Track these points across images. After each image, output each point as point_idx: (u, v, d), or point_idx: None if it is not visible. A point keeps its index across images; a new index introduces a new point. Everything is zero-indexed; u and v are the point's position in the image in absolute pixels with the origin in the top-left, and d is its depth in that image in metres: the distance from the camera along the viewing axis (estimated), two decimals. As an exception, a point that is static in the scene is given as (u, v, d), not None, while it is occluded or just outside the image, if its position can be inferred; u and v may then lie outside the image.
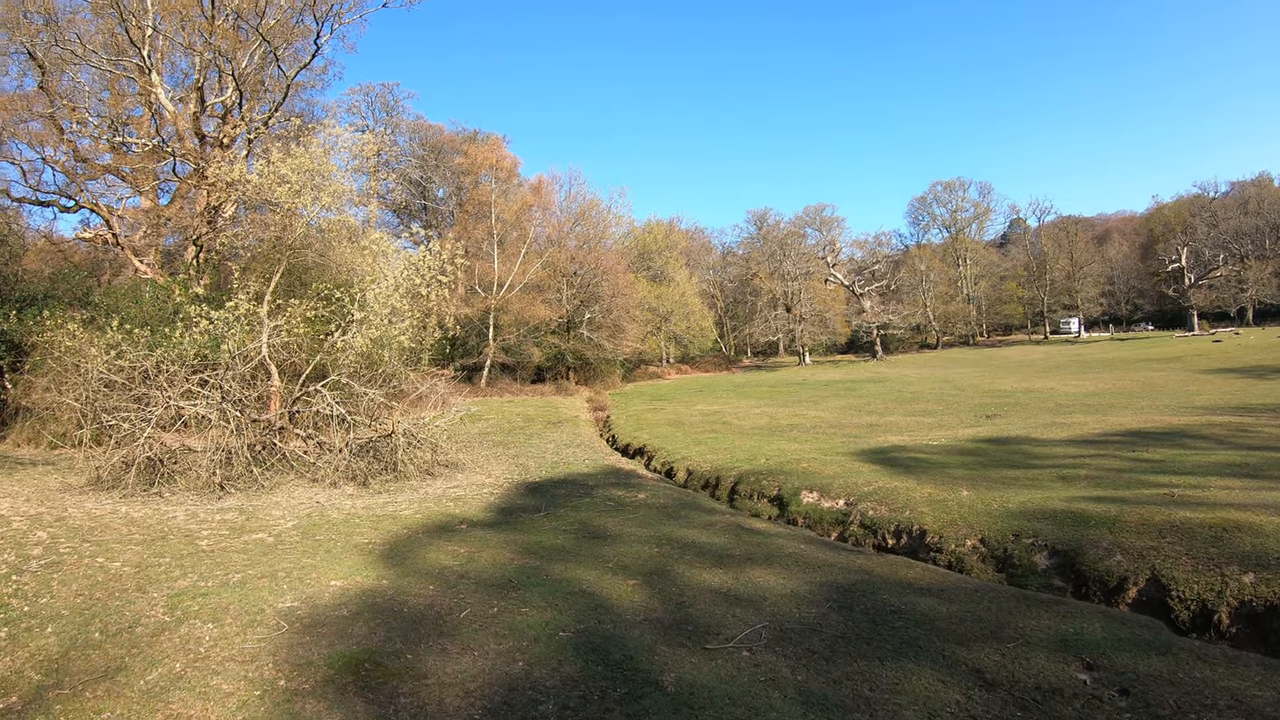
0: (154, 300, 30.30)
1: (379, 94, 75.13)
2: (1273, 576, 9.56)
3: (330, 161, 25.32)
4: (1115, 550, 11.21)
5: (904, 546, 13.88)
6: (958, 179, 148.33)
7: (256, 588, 10.67)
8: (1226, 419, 25.18)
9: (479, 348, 60.79)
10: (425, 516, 15.73)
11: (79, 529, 14.85)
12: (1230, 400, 31.75)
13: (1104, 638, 8.28)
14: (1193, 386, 39.81)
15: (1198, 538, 10.93)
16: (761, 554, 12.28)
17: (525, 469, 22.76)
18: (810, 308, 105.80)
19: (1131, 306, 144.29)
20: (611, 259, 72.10)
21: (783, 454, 22.44)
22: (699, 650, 8.23)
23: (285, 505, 17.22)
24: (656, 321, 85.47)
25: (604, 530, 14.40)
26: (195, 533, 14.46)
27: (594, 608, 9.67)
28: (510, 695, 7.23)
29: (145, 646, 8.59)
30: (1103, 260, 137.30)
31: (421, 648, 8.43)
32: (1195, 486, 14.35)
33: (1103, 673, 7.42)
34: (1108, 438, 22.26)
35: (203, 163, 35.84)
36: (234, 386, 20.95)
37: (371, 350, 22.91)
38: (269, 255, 24.86)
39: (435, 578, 11.14)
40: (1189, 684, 7.11)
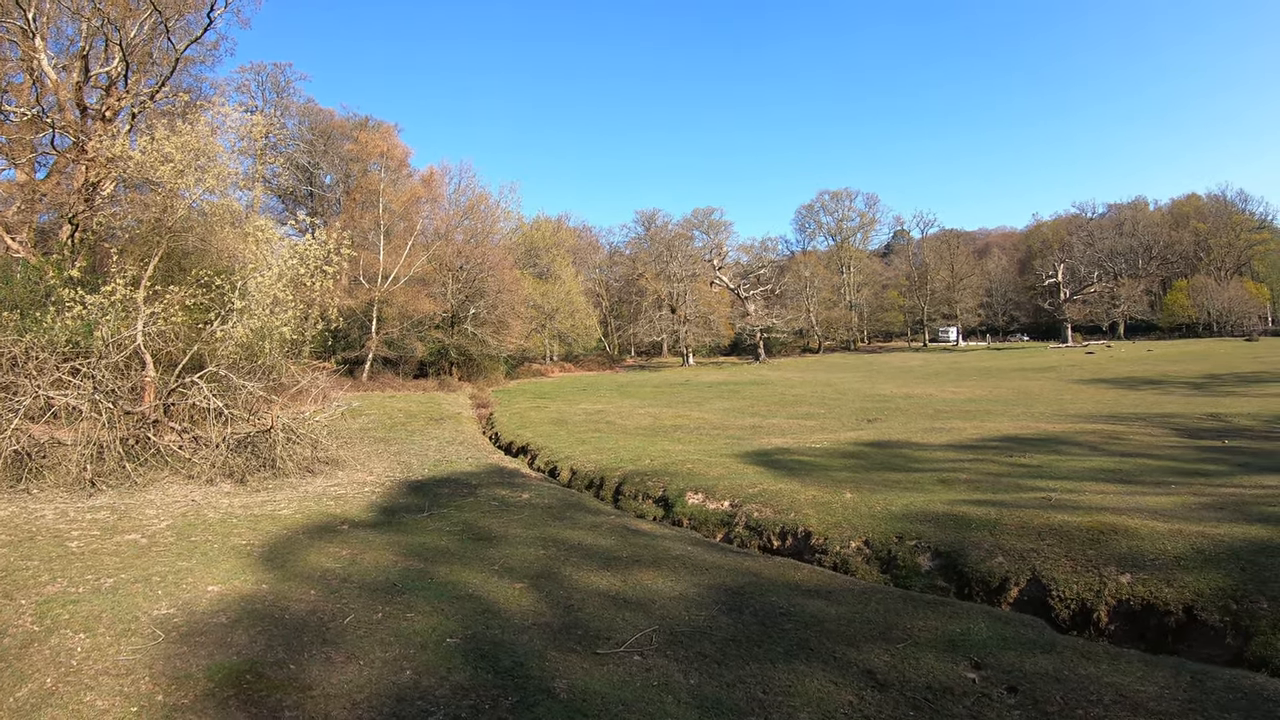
0: (25, 281, 29.12)
1: (270, 74, 73.32)
2: (1148, 577, 10.04)
3: (216, 142, 24.72)
4: (996, 552, 11.61)
5: (789, 548, 14.10)
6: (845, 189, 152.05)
7: (130, 594, 10.33)
8: (1099, 426, 26.14)
9: (361, 340, 59.87)
10: (305, 516, 15.46)
11: None
12: (1103, 409, 32.96)
13: (990, 637, 8.57)
14: (1067, 395, 41.26)
15: (1076, 540, 11.39)
16: (649, 556, 12.39)
17: (408, 467, 22.54)
18: (695, 309, 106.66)
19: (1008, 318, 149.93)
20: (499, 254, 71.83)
21: (667, 455, 22.67)
22: (590, 655, 8.23)
23: (159, 504, 16.68)
24: (541, 319, 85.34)
25: (489, 531, 14.35)
26: (65, 533, 13.93)
27: (481, 612, 9.62)
28: (399, 706, 7.10)
29: (13, 660, 8.22)
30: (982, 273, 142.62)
31: (305, 657, 8.26)
32: (1071, 491, 14.96)
33: (990, 671, 7.67)
34: (986, 443, 22.92)
35: (83, 136, 34.56)
36: (107, 376, 20.22)
37: (252, 341, 22.40)
38: (147, 238, 24.10)
39: (317, 582, 10.95)
40: (1074, 681, 7.38)
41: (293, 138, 73.00)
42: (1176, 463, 18.46)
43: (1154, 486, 15.37)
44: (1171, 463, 18.49)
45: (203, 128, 24.30)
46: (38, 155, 40.45)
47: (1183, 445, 21.71)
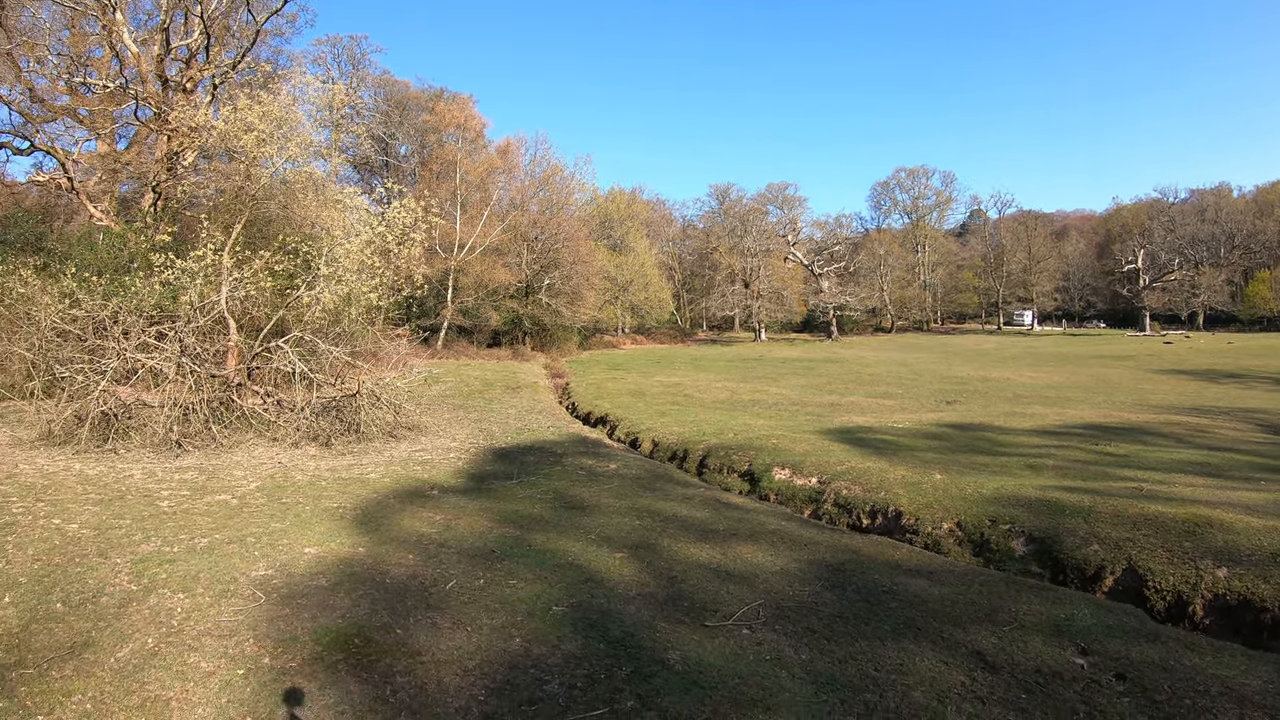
0: (109, 248, 29.40)
1: (346, 46, 73.74)
2: (1245, 572, 9.62)
3: (298, 111, 24.58)
4: (1092, 539, 11.20)
5: (879, 527, 13.72)
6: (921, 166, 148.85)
7: (226, 554, 10.20)
8: (1183, 419, 25.39)
9: (436, 309, 59.96)
10: (394, 481, 15.31)
11: (31, 487, 14.21)
12: (1185, 401, 32.06)
13: (1094, 624, 8.25)
14: (1147, 385, 40.22)
15: (1171, 531, 10.95)
16: (746, 529, 12.07)
17: (490, 434, 22.32)
18: (768, 285, 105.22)
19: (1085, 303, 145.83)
20: (573, 226, 71.38)
21: (749, 429, 22.26)
22: (699, 627, 8.04)
23: (246, 465, 16.67)
24: (615, 290, 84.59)
25: (581, 500, 14.11)
26: (155, 493, 13.89)
27: (584, 581, 9.42)
28: (512, 674, 6.97)
29: (113, 619, 8.07)
30: (1059, 256, 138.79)
31: (410, 622, 8.07)
32: (1161, 482, 14.38)
33: (1098, 658, 7.42)
34: (1069, 430, 22.34)
35: (165, 107, 34.72)
36: (192, 340, 20.29)
37: (338, 307, 22.27)
38: (230, 205, 24.14)
39: (414, 546, 10.76)
40: (1180, 670, 7.15)
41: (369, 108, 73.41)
42: (1265, 459, 17.72)
43: (1244, 482, 14.76)
44: (1259, 459, 17.76)
45: (284, 97, 24.25)
46: (119, 127, 40.88)
47: (1269, 441, 21.04)
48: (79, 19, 38.95)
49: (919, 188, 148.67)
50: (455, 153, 65.03)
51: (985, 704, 6.53)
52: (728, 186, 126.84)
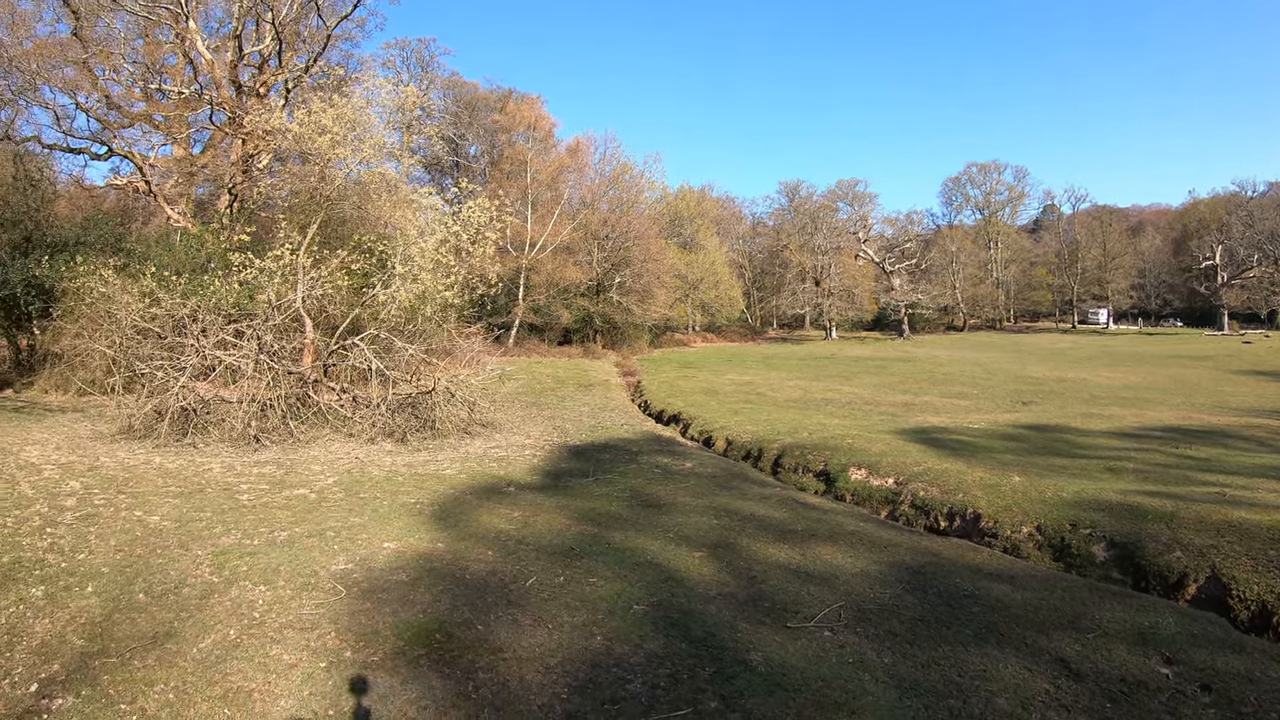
0: (186, 249, 29.86)
1: (415, 49, 74.60)
2: None
3: (370, 113, 24.71)
4: (1174, 546, 10.84)
5: (957, 529, 13.44)
6: (993, 161, 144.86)
7: (306, 547, 10.27)
8: (1265, 421, 24.53)
9: (508, 307, 60.23)
10: (470, 477, 15.31)
11: (113, 479, 14.47)
12: (1265, 403, 30.85)
13: (1178, 632, 8.01)
14: (1226, 387, 38.76)
15: (1256, 539, 10.58)
16: (824, 530, 11.83)
17: (564, 431, 22.28)
18: (839, 282, 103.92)
19: (1161, 301, 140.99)
20: (643, 224, 71.04)
21: (824, 429, 21.94)
22: (781, 629, 7.91)
23: (323, 460, 16.83)
24: (685, 289, 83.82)
25: (658, 498, 13.95)
26: (234, 486, 14.09)
27: (664, 580, 9.30)
28: (594, 673, 6.90)
29: (195, 610, 8.12)
30: (1135, 252, 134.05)
31: (491, 618, 8.05)
32: (1244, 487, 13.87)
33: (1183, 667, 7.22)
34: (1148, 432, 21.72)
35: (239, 112, 35.25)
36: (270, 338, 20.54)
37: (414, 305, 22.35)
38: (305, 206, 24.31)
39: (493, 543, 10.71)
40: (1266, 683, 6.94)
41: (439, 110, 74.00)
42: (1352, 467, 16.99)
43: (1331, 490, 14.16)
44: (1347, 467, 17.04)
45: (357, 100, 24.41)
46: (194, 131, 41.70)
47: (1357, 449, 20.16)
48: (153, 28, 39.74)
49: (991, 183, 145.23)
50: (525, 152, 65.37)
51: (1070, 713, 6.40)
52: (798, 183, 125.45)
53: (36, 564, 9.56)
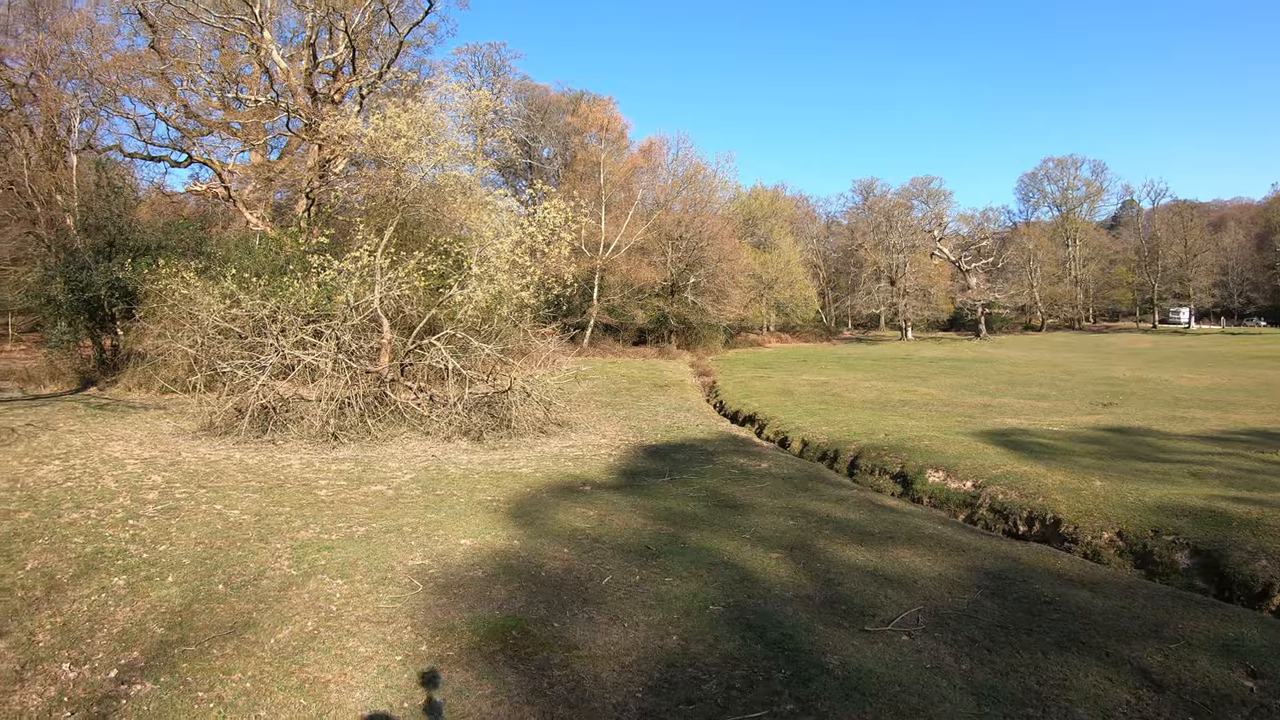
0: (265, 251, 30.39)
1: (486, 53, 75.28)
2: None
3: (445, 117, 24.92)
4: (1260, 555, 10.46)
5: (1036, 534, 13.15)
6: (1070, 156, 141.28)
7: (383, 543, 10.35)
8: None
9: (583, 307, 60.47)
10: (546, 475, 15.30)
11: (194, 474, 14.77)
12: (1357, 407, 29.56)
13: (1264, 645, 7.65)
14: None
15: None
16: (902, 533, 11.62)
17: (639, 431, 22.20)
18: (914, 282, 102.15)
19: (1244, 299, 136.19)
20: (717, 224, 70.48)
21: (900, 430, 21.60)
22: (858, 632, 7.76)
23: (400, 457, 16.95)
24: (760, 289, 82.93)
25: (734, 499, 13.79)
26: (312, 482, 14.27)
27: (740, 580, 9.18)
28: (670, 672, 6.87)
29: (273, 602, 8.25)
30: (1217, 249, 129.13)
31: (567, 616, 8.08)
32: None
33: (1268, 681, 6.93)
34: (1233, 435, 21.04)
35: (315, 118, 35.80)
36: (348, 338, 20.84)
37: (491, 305, 22.47)
38: (381, 210, 24.58)
39: (569, 541, 10.70)
40: None
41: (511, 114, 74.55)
42: None
43: None
44: None
45: (430, 104, 24.58)
46: (271, 138, 42.49)
47: None
48: (228, 39, 40.80)
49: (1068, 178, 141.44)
50: (598, 154, 65.49)
51: (1151, 725, 6.22)
52: (871, 181, 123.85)
53: (119, 554, 9.78)
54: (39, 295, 30.34)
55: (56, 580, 8.93)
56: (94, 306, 29.36)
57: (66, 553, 9.86)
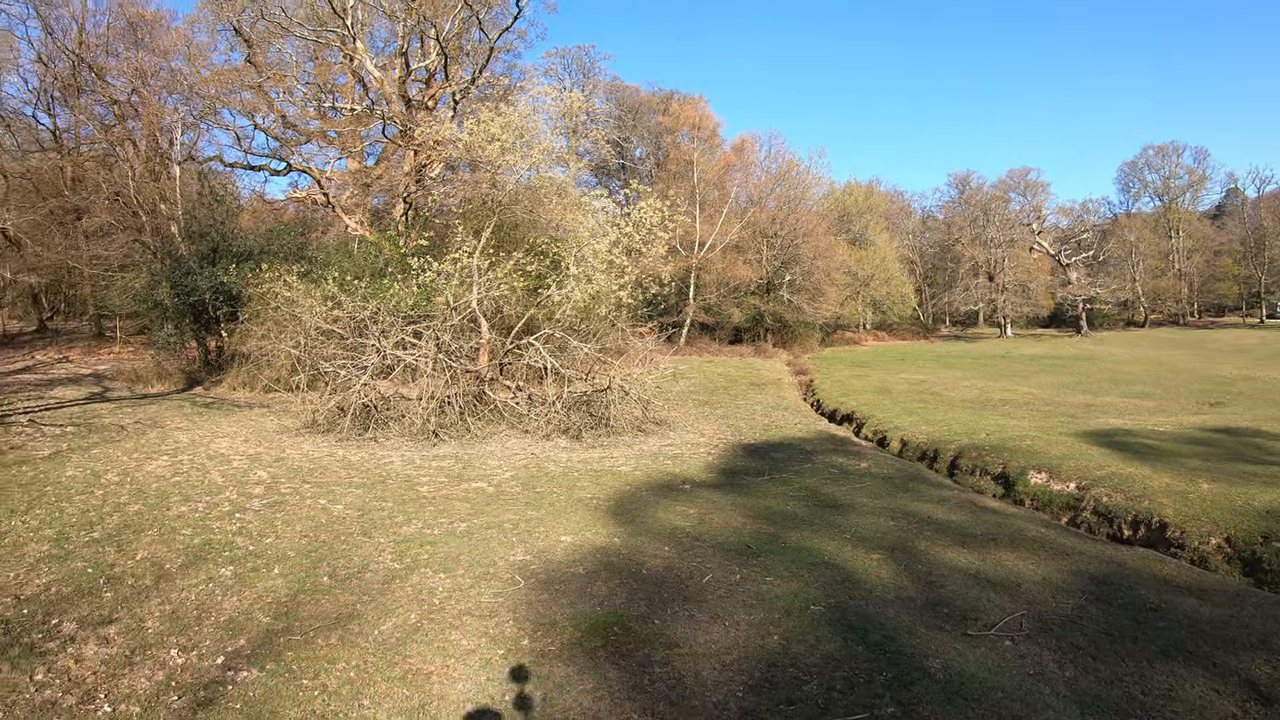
0: (365, 255, 30.93)
1: (575, 56, 75.33)
2: None
3: (538, 119, 25.08)
4: None
5: (1141, 539, 12.76)
6: (1171, 143, 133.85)
7: (485, 538, 10.44)
8: None
9: (679, 306, 60.21)
10: (645, 474, 15.24)
11: (298, 470, 15.09)
12: None
13: None
14: None
15: None
16: (1005, 535, 11.36)
17: (737, 430, 22.05)
18: (1013, 277, 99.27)
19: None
20: (812, 221, 69.44)
21: (1002, 430, 21.16)
22: (960, 636, 7.66)
23: (500, 455, 17.08)
24: (856, 286, 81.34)
25: (834, 499, 13.59)
26: (414, 478, 14.44)
27: (841, 581, 9.07)
28: (771, 672, 6.83)
29: (377, 594, 8.39)
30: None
31: (668, 613, 8.06)
32: None
33: None
34: None
35: (410, 125, 36.34)
36: (448, 338, 21.14)
37: (589, 305, 22.57)
38: (478, 212, 24.84)
39: (669, 539, 10.65)
40: None
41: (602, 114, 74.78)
42: None
43: None
44: None
45: (523, 107, 24.81)
46: (368, 145, 43.47)
47: None
48: (321, 51, 41.70)
49: (1169, 167, 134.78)
50: (691, 152, 65.21)
51: (1258, 740, 6.08)
52: (967, 174, 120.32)
53: (226, 546, 10.04)
54: (146, 299, 31.34)
55: (165, 570, 9.19)
56: (199, 310, 30.21)
57: (175, 544, 10.15)
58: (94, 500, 12.51)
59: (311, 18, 38.38)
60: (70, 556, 9.67)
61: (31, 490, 13.14)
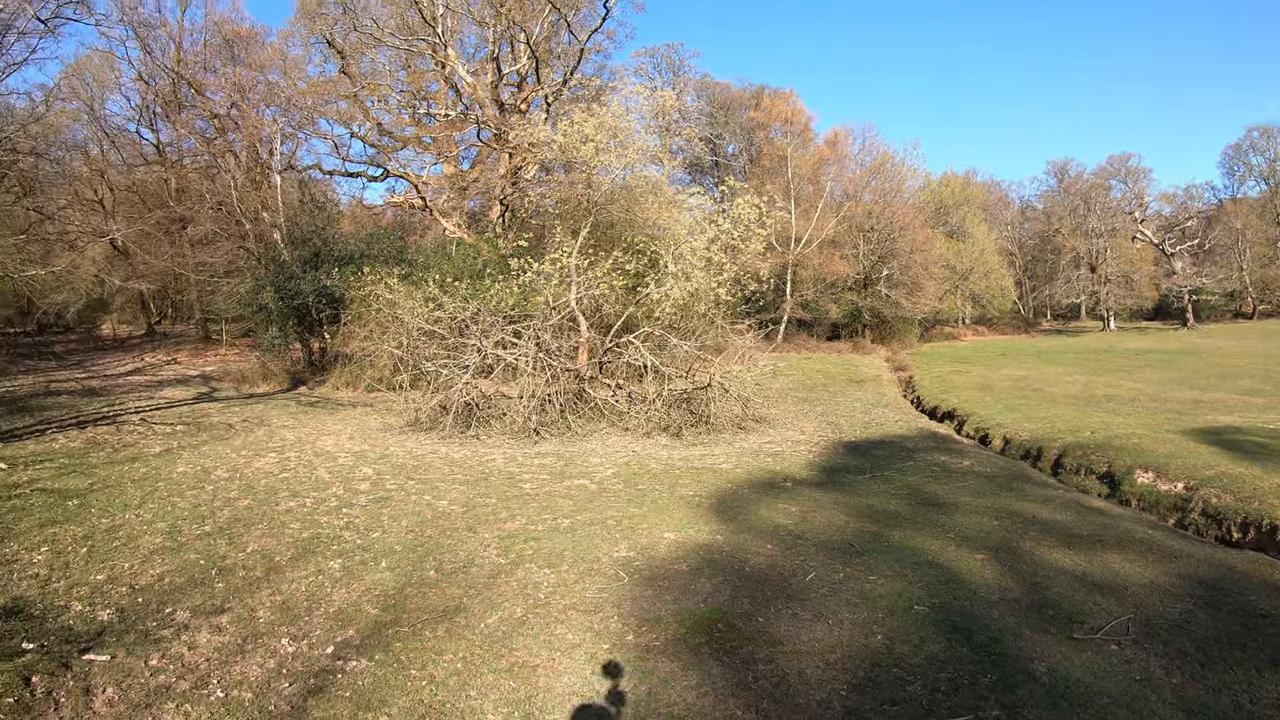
0: (463, 257, 31.37)
1: (664, 54, 75.08)
2: None
3: (632, 119, 25.15)
4: None
5: (1251, 541, 12.30)
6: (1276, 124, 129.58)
7: (588, 535, 10.53)
8: None
9: (776, 303, 59.80)
10: (746, 471, 15.16)
11: (402, 466, 15.39)
12: None
13: None
14: None
15: None
16: (1111, 537, 11.03)
17: (837, 427, 21.87)
18: (1115, 268, 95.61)
19: None
20: (908, 214, 68.06)
21: (1107, 427, 20.54)
22: (1065, 639, 7.51)
23: (601, 453, 17.18)
24: (954, 280, 79.49)
25: (937, 497, 13.40)
26: (516, 475, 14.62)
27: (945, 581, 8.96)
28: (874, 672, 6.81)
29: (483, 588, 8.52)
30: None
31: (771, 611, 8.07)
32: None
33: None
34: None
35: (503, 128, 36.77)
36: (548, 337, 21.35)
37: (688, 303, 22.58)
38: (574, 212, 25.01)
39: (771, 537, 10.60)
40: None
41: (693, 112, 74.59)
42: None
43: None
44: None
45: (616, 108, 24.90)
46: (463, 149, 44.24)
47: None
48: (414, 59, 42.69)
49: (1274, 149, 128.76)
50: (784, 147, 64.51)
51: (1371, 756, 5.90)
52: (1066, 162, 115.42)
53: (334, 540, 10.32)
54: (251, 303, 32.35)
55: (275, 562, 9.48)
56: (302, 312, 31.05)
57: (284, 537, 10.46)
58: (204, 495, 12.99)
59: (402, 27, 39.21)
60: (183, 548, 10.05)
61: (144, 485, 13.71)
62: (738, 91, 78.88)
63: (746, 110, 73.56)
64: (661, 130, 56.70)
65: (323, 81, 41.61)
